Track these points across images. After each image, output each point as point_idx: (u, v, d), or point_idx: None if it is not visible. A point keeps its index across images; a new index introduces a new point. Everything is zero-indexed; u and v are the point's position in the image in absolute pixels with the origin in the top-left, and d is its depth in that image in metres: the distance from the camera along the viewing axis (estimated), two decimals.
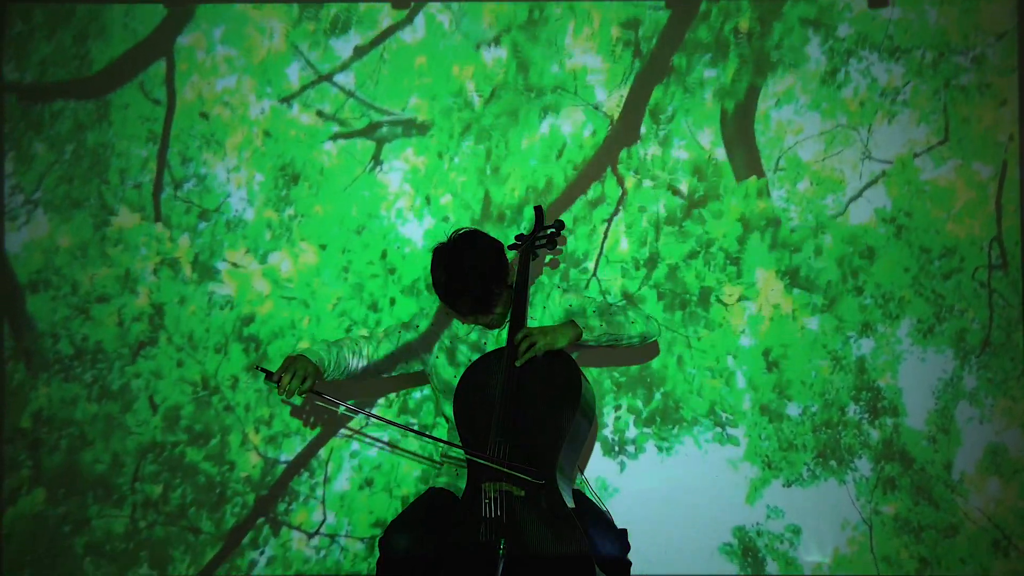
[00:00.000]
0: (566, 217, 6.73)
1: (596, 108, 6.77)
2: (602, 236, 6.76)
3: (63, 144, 6.81)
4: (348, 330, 6.74)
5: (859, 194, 6.73)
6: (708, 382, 6.71)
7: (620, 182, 6.76)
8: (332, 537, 6.74)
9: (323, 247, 6.76)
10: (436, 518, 4.97)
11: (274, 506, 6.75)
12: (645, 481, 6.69)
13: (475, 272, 4.98)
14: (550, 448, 4.86)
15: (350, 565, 6.72)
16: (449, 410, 5.21)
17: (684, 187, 6.73)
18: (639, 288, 6.73)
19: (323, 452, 6.74)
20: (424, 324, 5.37)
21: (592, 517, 4.94)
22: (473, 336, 5.30)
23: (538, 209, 5.48)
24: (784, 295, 6.71)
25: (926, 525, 6.65)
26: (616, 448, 6.72)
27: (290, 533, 6.74)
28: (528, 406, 4.93)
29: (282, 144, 6.80)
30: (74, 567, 6.75)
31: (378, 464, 6.74)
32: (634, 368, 6.72)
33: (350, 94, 6.80)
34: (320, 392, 4.99)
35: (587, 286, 6.73)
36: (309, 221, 6.75)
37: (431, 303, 5.60)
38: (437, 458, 5.64)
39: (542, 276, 6.66)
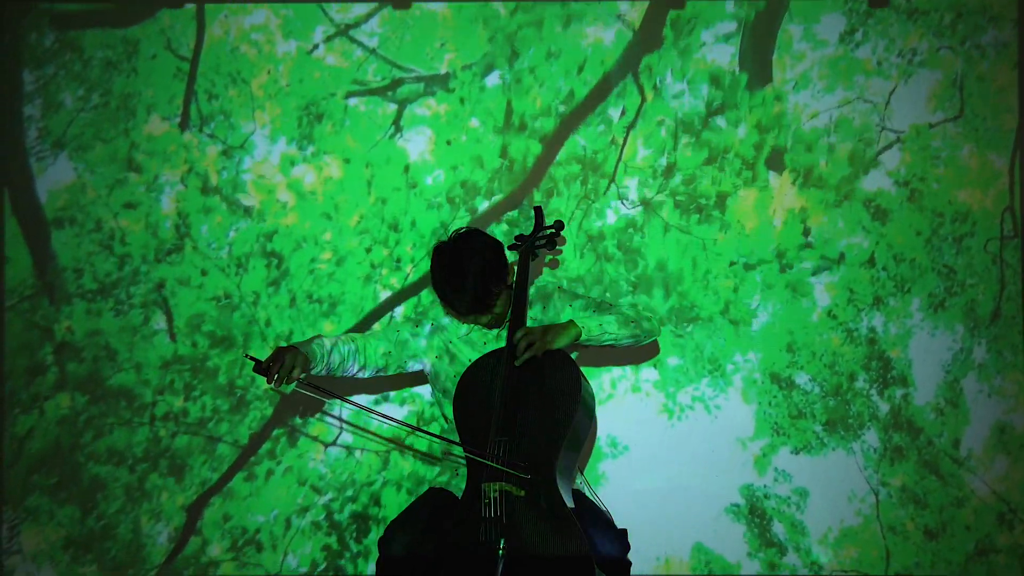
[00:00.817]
0: (586, 127, 6.78)
1: (619, 18, 6.80)
2: (621, 144, 6.79)
3: (92, 87, 6.84)
4: (369, 250, 6.81)
5: (874, 159, 6.73)
6: (723, 283, 6.75)
7: (640, 91, 6.79)
8: (348, 449, 6.80)
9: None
10: (436, 518, 4.95)
11: (292, 417, 6.81)
12: (654, 441, 6.75)
13: (474, 271, 4.95)
14: (549, 448, 4.82)
15: (364, 477, 6.78)
16: (449, 410, 5.17)
17: (703, 96, 6.77)
18: (656, 194, 6.78)
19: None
20: (423, 323, 5.33)
21: (592, 517, 4.89)
22: (473, 336, 5.27)
23: (538, 209, 5.45)
24: (797, 195, 6.74)
25: (932, 497, 6.68)
26: None
27: (307, 444, 6.79)
28: (528, 406, 4.89)
29: (307, 85, 6.84)
30: (94, 473, 6.81)
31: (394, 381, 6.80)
32: (651, 269, 6.75)
33: (372, 51, 6.80)
34: (310, 383, 4.91)
35: (606, 192, 6.78)
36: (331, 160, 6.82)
37: (431, 299, 5.60)
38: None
39: (541, 276, 6.70)
